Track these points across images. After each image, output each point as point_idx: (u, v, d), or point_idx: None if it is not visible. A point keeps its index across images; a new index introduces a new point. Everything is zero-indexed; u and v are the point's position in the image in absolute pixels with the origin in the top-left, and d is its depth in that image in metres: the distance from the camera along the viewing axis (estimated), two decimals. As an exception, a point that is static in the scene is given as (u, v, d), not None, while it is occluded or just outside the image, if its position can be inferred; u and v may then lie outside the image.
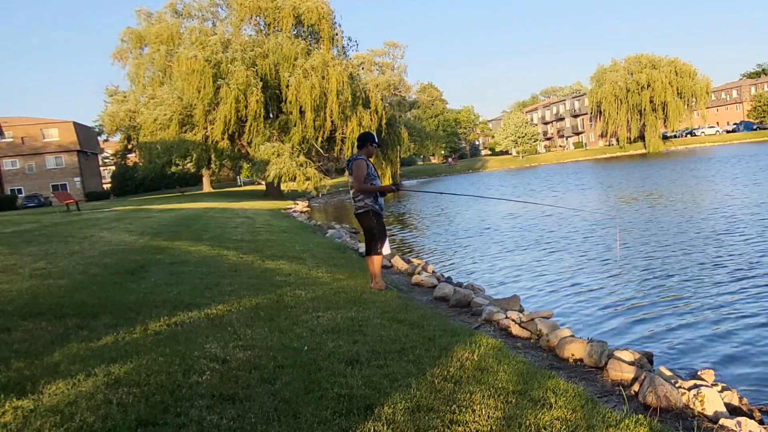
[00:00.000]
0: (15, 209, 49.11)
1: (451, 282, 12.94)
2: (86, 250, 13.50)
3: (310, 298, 8.70)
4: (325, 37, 56.98)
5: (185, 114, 54.98)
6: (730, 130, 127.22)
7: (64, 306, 7.61)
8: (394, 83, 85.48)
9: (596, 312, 11.20)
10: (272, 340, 6.32)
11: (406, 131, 64.06)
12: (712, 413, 5.59)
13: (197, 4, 60.87)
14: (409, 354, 6.01)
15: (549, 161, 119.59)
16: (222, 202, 46.43)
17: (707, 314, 10.40)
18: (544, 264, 16.31)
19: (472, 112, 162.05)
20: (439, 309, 10.07)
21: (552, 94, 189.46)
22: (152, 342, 6.18)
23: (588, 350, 7.07)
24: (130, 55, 63.89)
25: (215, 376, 5.11)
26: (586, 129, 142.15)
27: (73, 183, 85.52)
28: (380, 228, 9.92)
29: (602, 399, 5.74)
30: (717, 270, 13.52)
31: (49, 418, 4.19)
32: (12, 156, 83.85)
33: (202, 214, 28.29)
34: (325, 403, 4.58)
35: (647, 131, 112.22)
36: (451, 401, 4.79)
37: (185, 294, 8.77)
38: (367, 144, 10.05)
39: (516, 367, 5.92)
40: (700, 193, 30.74)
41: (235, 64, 51.37)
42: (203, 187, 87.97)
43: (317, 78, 51.34)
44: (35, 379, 4.96)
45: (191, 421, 4.20)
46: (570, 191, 41.87)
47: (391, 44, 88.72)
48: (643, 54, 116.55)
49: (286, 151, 52.09)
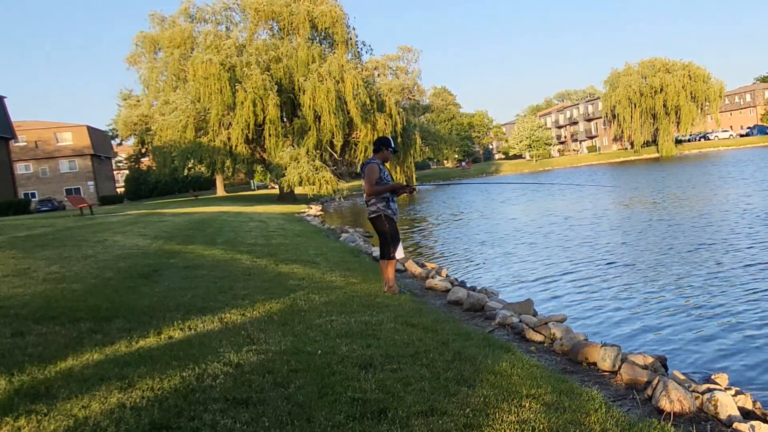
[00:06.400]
0: (29, 213, 49.19)
1: (464, 286, 12.93)
2: (100, 254, 13.54)
3: (324, 302, 8.70)
4: (340, 41, 56.94)
5: (199, 119, 55.06)
6: (743, 134, 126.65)
7: (77, 310, 7.62)
8: (408, 87, 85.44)
9: (610, 316, 11.16)
10: (286, 344, 6.32)
11: (419, 135, 63.98)
12: (726, 417, 5.56)
13: (210, 8, 60.99)
14: (423, 358, 5.99)
15: (563, 165, 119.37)
16: (235, 206, 46.53)
17: (721, 318, 10.35)
18: (558, 268, 16.25)
19: (486, 116, 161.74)
20: (452, 313, 10.06)
21: (566, 97, 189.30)
22: (166, 346, 6.19)
23: (602, 354, 7.04)
24: (144, 59, 64.17)
25: (229, 380, 5.11)
26: (600, 133, 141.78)
27: (87, 187, 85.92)
28: (393, 232, 9.90)
29: (616, 403, 5.71)
30: (731, 274, 13.45)
31: (63, 422, 4.20)
32: (26, 160, 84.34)
33: (215, 218, 28.34)
34: (338, 407, 4.57)
35: (660, 135, 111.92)
36: (465, 405, 4.77)
37: (199, 298, 8.78)
38: (383, 148, 10.02)
39: (530, 371, 5.90)
40: (714, 197, 30.60)
41: (251, 68, 51.41)
42: (217, 191, 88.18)
43: (332, 82, 51.34)
44: (49, 383, 4.97)
45: (205, 425, 4.20)
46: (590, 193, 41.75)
47: (405, 48, 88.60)
48: (656, 58, 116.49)
49: (302, 156, 52.14)
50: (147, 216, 29.10)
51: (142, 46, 63.62)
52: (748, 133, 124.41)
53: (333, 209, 55.38)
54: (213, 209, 38.93)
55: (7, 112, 57.14)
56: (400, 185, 9.95)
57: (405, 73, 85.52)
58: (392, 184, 9.86)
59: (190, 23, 60.21)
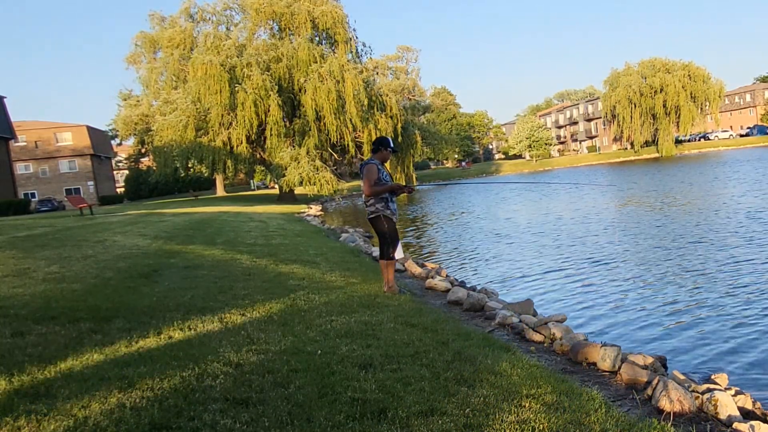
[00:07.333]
0: (28, 213, 49.18)
1: (464, 286, 12.93)
2: (100, 254, 13.54)
3: (324, 302, 8.70)
4: (340, 41, 56.81)
5: (200, 118, 54.99)
6: (743, 134, 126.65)
7: (77, 310, 7.63)
8: (408, 87, 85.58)
9: (610, 316, 11.16)
10: (286, 344, 6.32)
11: (419, 135, 63.93)
12: (726, 417, 5.56)
13: (211, 8, 60.95)
14: (423, 358, 6.00)
15: (562, 165, 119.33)
16: (235, 206, 46.52)
17: (721, 318, 10.34)
18: (558, 267, 16.24)
19: (486, 116, 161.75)
20: (452, 313, 10.06)
21: (566, 97, 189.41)
22: (166, 346, 6.19)
23: (601, 354, 7.04)
24: (144, 59, 64.21)
25: (229, 380, 5.11)
26: (599, 133, 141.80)
27: (87, 187, 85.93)
28: (392, 233, 9.88)
29: (616, 403, 5.71)
30: (731, 274, 13.44)
31: (63, 422, 4.20)
32: (25, 160, 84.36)
33: (215, 218, 28.33)
34: (338, 407, 4.58)
35: (660, 135, 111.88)
36: (464, 405, 4.77)
37: (199, 298, 8.78)
38: (381, 148, 10.00)
39: (530, 371, 5.91)
40: (714, 197, 30.58)
41: (251, 69, 51.34)
42: (217, 191, 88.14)
43: (333, 82, 51.29)
44: (49, 383, 4.98)
45: (205, 425, 4.20)
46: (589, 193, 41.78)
47: (405, 48, 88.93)
48: (656, 58, 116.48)
49: (303, 156, 52.11)
50: (147, 216, 29.09)
51: (142, 46, 63.65)
52: (748, 133, 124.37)
53: (333, 209, 55.38)
54: (213, 209, 38.92)
55: (7, 112, 57.13)
56: (398, 185, 9.91)
57: (405, 73, 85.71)
58: (391, 184, 9.82)
59: (190, 23, 60.15)
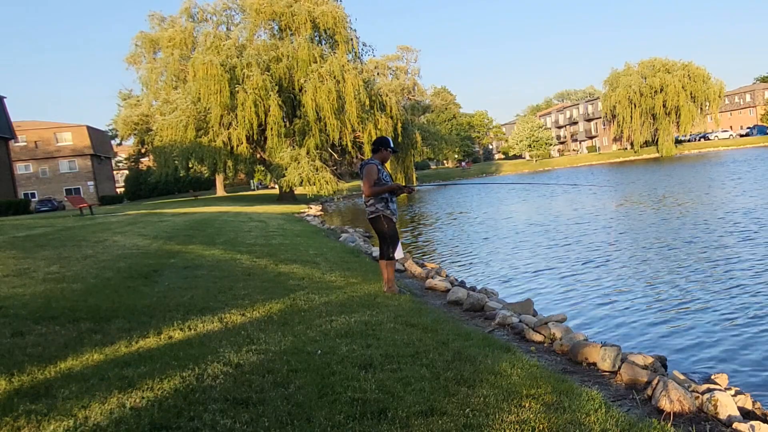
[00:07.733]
0: (28, 213, 49.12)
1: (464, 286, 12.94)
2: (99, 254, 13.53)
3: (324, 302, 8.69)
4: (341, 41, 56.69)
5: (200, 118, 54.97)
6: (743, 134, 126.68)
7: (77, 310, 7.62)
8: (408, 87, 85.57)
9: (610, 316, 11.16)
10: (285, 344, 6.32)
11: (419, 135, 63.90)
12: (726, 417, 5.56)
13: (211, 8, 60.91)
14: (423, 358, 5.99)
15: (562, 165, 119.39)
16: (235, 206, 46.49)
17: (721, 318, 10.34)
18: (558, 267, 16.25)
19: (486, 116, 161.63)
20: (452, 313, 10.07)
21: (566, 97, 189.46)
22: (166, 346, 6.19)
23: (601, 354, 7.04)
24: (144, 59, 64.06)
25: (228, 380, 5.11)
26: (599, 133, 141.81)
27: (87, 187, 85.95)
28: (392, 233, 9.87)
29: (616, 403, 5.70)
30: (731, 274, 13.44)
31: (63, 422, 4.20)
32: (25, 160, 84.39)
33: (215, 218, 28.31)
34: (338, 407, 4.57)
35: (660, 135, 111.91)
36: (464, 405, 4.77)
37: (199, 298, 8.78)
38: (381, 149, 9.99)
39: (530, 371, 5.90)
40: (714, 197, 30.57)
41: (251, 69, 51.29)
42: (217, 191, 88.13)
43: (333, 82, 51.24)
44: (49, 383, 4.98)
45: (204, 425, 4.20)
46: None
47: (405, 48, 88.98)
48: (656, 58, 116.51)
49: (303, 156, 52.11)
50: (147, 216, 29.07)
51: (142, 46, 63.52)
52: (748, 133, 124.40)
53: (333, 209, 55.38)
54: (213, 209, 38.90)
55: (6, 112, 57.07)
56: (398, 186, 9.89)
57: (405, 73, 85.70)
58: (391, 184, 9.81)
59: (191, 23, 60.10)
